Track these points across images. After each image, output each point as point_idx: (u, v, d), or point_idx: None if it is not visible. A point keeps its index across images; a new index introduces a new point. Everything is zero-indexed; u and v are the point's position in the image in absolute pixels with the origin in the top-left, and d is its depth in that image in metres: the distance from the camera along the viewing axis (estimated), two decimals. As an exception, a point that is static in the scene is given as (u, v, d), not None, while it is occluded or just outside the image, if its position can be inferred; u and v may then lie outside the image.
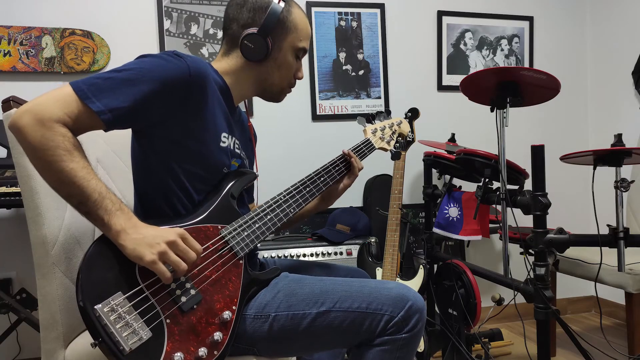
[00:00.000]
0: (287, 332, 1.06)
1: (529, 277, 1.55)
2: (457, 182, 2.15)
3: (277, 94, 1.25)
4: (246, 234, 1.08)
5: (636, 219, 2.33)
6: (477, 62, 2.80)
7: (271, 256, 2.12)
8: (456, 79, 2.73)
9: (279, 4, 1.13)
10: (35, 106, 0.88)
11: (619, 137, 1.47)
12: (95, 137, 1.14)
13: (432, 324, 2.07)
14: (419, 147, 2.37)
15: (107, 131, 0.97)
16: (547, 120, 2.90)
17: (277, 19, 1.13)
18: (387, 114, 1.54)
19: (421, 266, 2.07)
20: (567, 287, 2.83)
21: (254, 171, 1.29)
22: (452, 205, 2.01)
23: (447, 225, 2.02)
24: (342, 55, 2.61)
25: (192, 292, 0.96)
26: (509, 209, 1.58)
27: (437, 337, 2.04)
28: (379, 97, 2.66)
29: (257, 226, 1.10)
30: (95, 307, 0.84)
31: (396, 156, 1.48)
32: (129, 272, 0.91)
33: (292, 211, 1.17)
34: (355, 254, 2.19)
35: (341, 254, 2.19)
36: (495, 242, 2.83)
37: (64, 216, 1.13)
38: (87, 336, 0.88)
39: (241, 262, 1.06)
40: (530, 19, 2.85)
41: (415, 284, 2.03)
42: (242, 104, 1.31)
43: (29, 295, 2.12)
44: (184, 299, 0.94)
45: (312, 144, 2.57)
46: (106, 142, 1.39)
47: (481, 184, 1.75)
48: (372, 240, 2.19)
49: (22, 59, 2.22)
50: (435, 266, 2.14)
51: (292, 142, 2.56)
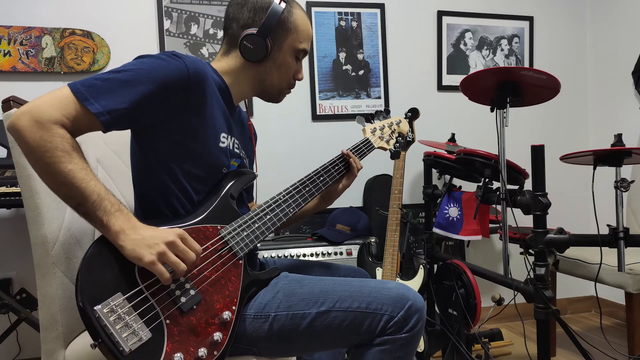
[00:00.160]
0: (287, 332, 1.06)
1: (529, 277, 1.55)
2: (457, 182, 2.15)
3: (276, 95, 1.25)
4: (246, 234, 1.08)
5: (636, 219, 2.33)
6: (477, 62, 2.80)
7: (271, 256, 2.12)
8: (456, 79, 2.73)
9: (280, 4, 1.13)
10: (33, 108, 0.88)
11: (619, 137, 1.47)
12: (95, 137, 1.14)
13: (432, 324, 2.07)
14: (419, 147, 2.37)
15: (105, 132, 0.97)
16: (547, 120, 2.90)
17: (277, 19, 1.12)
18: (387, 113, 1.54)
19: (421, 266, 2.07)
20: (567, 287, 2.83)
21: (254, 171, 1.29)
22: (452, 205, 2.02)
23: (447, 225, 2.02)
24: (342, 55, 2.61)
25: (192, 292, 0.96)
26: (509, 209, 1.58)
27: (437, 337, 2.04)
28: (379, 97, 2.66)
29: (257, 226, 1.10)
30: (94, 308, 0.84)
31: (395, 155, 1.48)
32: (128, 272, 0.91)
33: (292, 211, 1.17)
34: (355, 254, 2.19)
35: (341, 254, 2.19)
36: (495, 242, 2.83)
37: (64, 216, 1.13)
38: (87, 336, 0.87)
39: (241, 262, 1.06)
40: (530, 19, 2.85)
41: (415, 284, 2.03)
42: (243, 104, 1.31)
43: (29, 295, 2.12)
44: (183, 300, 0.94)
45: (312, 144, 2.57)
46: (106, 143, 1.39)
47: (481, 184, 1.75)
48: (372, 240, 2.19)
49: (22, 59, 2.22)
50: (435, 266, 2.14)
51: (292, 142, 2.56)
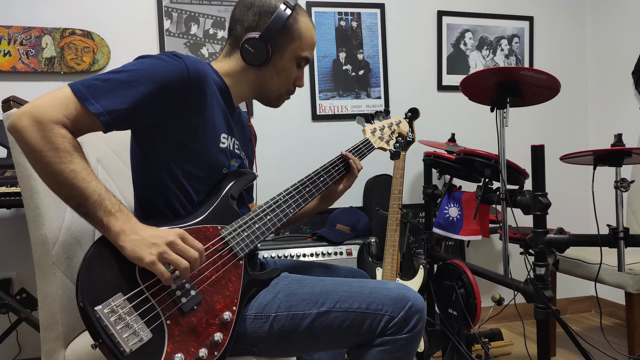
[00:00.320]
0: (288, 332, 1.06)
1: (529, 277, 1.55)
2: (457, 182, 2.15)
3: (275, 100, 1.24)
4: (246, 234, 1.08)
5: (636, 219, 2.33)
6: (477, 62, 2.80)
7: (271, 256, 2.12)
8: (456, 79, 2.73)
9: (285, 10, 1.12)
10: (33, 108, 0.87)
11: (619, 137, 1.47)
12: (95, 137, 1.14)
13: (432, 324, 2.07)
14: (419, 147, 2.37)
15: (106, 132, 0.97)
16: (547, 120, 2.90)
17: (281, 25, 1.12)
18: (386, 113, 1.54)
19: (421, 266, 2.07)
20: (567, 287, 2.83)
21: (254, 171, 1.29)
22: (452, 205, 2.02)
23: (447, 225, 2.02)
24: (342, 55, 2.61)
25: (192, 292, 0.96)
26: (509, 209, 1.58)
27: (437, 337, 2.04)
28: (379, 97, 2.66)
29: (257, 226, 1.10)
30: (95, 308, 0.84)
31: (395, 156, 1.48)
32: (129, 273, 0.91)
33: (292, 211, 1.17)
34: (355, 254, 2.19)
35: (341, 254, 2.19)
36: (495, 242, 2.83)
37: (64, 216, 1.13)
38: (87, 336, 0.87)
39: (241, 262, 1.06)
40: (530, 19, 2.85)
41: (415, 284, 2.03)
42: (243, 104, 1.31)
43: (29, 295, 2.11)
44: (184, 300, 0.94)
45: (312, 144, 2.57)
46: (106, 143, 1.39)
47: (481, 184, 1.75)
48: (372, 240, 2.19)
49: (22, 59, 2.22)
50: (435, 266, 2.14)
51: (292, 142, 2.56)
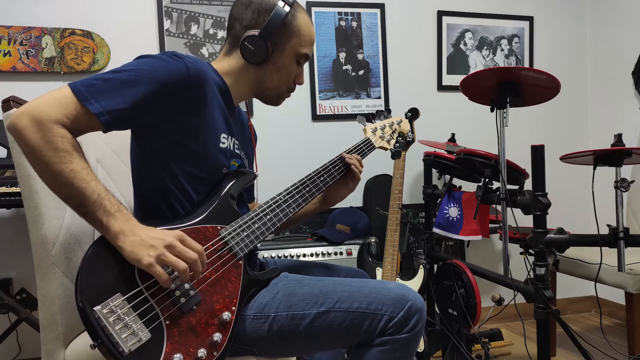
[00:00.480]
0: (287, 332, 1.05)
1: (529, 277, 1.55)
2: (457, 182, 2.15)
3: (275, 98, 1.24)
4: (246, 234, 1.08)
5: (636, 219, 2.33)
6: (477, 62, 2.80)
7: (271, 256, 2.12)
8: (456, 79, 2.72)
9: (284, 7, 1.12)
10: (33, 108, 0.87)
11: (619, 137, 1.47)
12: (95, 137, 1.14)
13: (432, 324, 2.07)
14: (419, 147, 2.37)
15: (105, 132, 0.97)
16: (547, 120, 2.89)
17: (280, 22, 1.12)
18: (387, 112, 1.53)
19: (421, 266, 2.07)
20: (567, 287, 2.82)
21: (254, 171, 1.28)
22: (452, 205, 2.01)
23: (447, 225, 2.02)
24: (342, 55, 2.61)
25: (192, 293, 0.95)
26: (509, 209, 1.58)
27: (437, 337, 2.04)
28: (379, 97, 2.65)
29: (257, 226, 1.10)
30: (94, 308, 0.84)
31: (396, 155, 1.48)
32: (128, 273, 0.91)
33: (292, 211, 1.17)
34: (355, 254, 2.19)
35: (341, 254, 2.19)
36: (495, 242, 2.83)
37: (64, 216, 1.13)
38: (87, 336, 0.87)
39: (241, 262, 1.06)
40: (530, 19, 2.85)
41: (415, 284, 2.03)
42: (243, 104, 1.30)
43: (29, 295, 2.12)
44: (183, 300, 0.94)
45: (312, 144, 2.57)
46: (106, 143, 1.39)
47: (481, 184, 1.75)
48: (372, 240, 2.19)
49: (22, 59, 2.22)
50: (435, 266, 2.14)
51: (292, 142, 2.56)
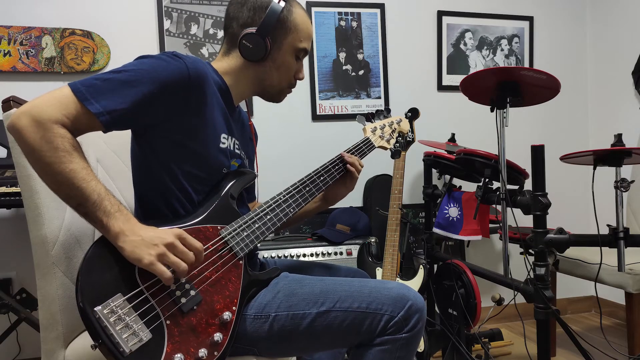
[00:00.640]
0: (288, 332, 1.05)
1: (529, 277, 1.55)
2: (457, 182, 2.15)
3: (277, 95, 1.24)
4: (246, 234, 1.08)
5: (636, 219, 2.33)
6: (477, 62, 2.80)
7: (271, 256, 2.12)
8: (456, 79, 2.73)
9: (279, 3, 1.12)
10: (33, 107, 0.87)
11: (619, 137, 1.47)
12: (95, 137, 1.14)
13: (432, 324, 2.07)
14: (419, 147, 2.37)
15: (105, 132, 0.97)
16: (547, 120, 2.90)
17: (276, 18, 1.12)
18: (387, 112, 1.54)
19: (421, 266, 2.07)
20: (567, 287, 2.83)
21: (254, 171, 1.28)
22: (452, 205, 2.01)
23: (447, 225, 2.02)
24: (342, 55, 2.61)
25: (192, 293, 0.95)
26: (509, 209, 1.58)
27: (437, 337, 2.04)
28: (379, 97, 2.65)
29: (257, 226, 1.10)
30: (95, 309, 0.84)
31: (396, 154, 1.48)
32: (128, 273, 0.91)
33: (292, 211, 1.17)
34: (355, 254, 2.19)
35: (341, 254, 2.19)
36: (495, 242, 2.83)
37: (64, 216, 1.13)
38: (87, 336, 0.87)
39: (241, 262, 1.06)
40: (530, 19, 2.85)
41: (415, 284, 2.03)
42: (243, 103, 1.30)
43: (29, 295, 2.11)
44: (183, 300, 0.94)
45: (312, 144, 2.57)
46: (106, 143, 1.39)
47: (481, 184, 1.75)
48: (372, 240, 2.19)
49: (22, 59, 2.22)
50: (435, 266, 2.14)
51: (292, 142, 2.56)
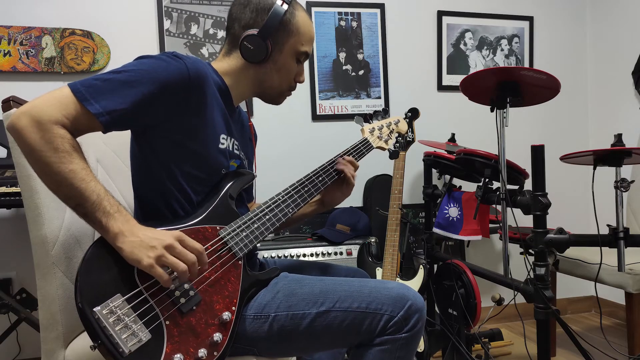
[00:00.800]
0: (287, 332, 1.06)
1: (529, 277, 1.55)
2: (457, 182, 2.14)
3: (276, 97, 1.24)
4: (245, 234, 1.08)
5: (636, 219, 2.33)
6: (477, 62, 2.79)
7: (271, 256, 2.12)
8: (456, 79, 2.72)
9: (282, 6, 1.12)
10: (33, 108, 0.87)
11: (619, 137, 1.47)
12: (95, 137, 1.14)
13: (432, 324, 2.07)
14: (419, 147, 2.37)
15: (105, 133, 0.97)
16: (547, 120, 2.89)
17: (279, 21, 1.12)
18: (385, 113, 1.54)
19: (421, 266, 2.07)
20: (567, 287, 2.82)
21: (253, 171, 1.28)
22: (452, 205, 2.01)
23: (447, 225, 2.02)
24: (342, 55, 2.61)
25: (191, 293, 0.95)
26: (509, 209, 1.58)
27: (437, 337, 2.04)
28: (379, 97, 2.65)
29: (256, 226, 1.10)
30: (94, 309, 0.84)
31: (394, 155, 1.48)
32: (127, 273, 0.91)
33: (291, 211, 1.17)
34: (355, 254, 2.19)
35: (341, 254, 2.19)
36: (495, 242, 2.83)
37: (64, 216, 1.13)
38: (87, 336, 0.87)
39: (240, 262, 1.06)
40: (530, 19, 2.85)
41: (415, 284, 2.03)
42: (243, 104, 1.30)
43: (29, 295, 2.12)
44: (183, 300, 0.94)
45: (312, 144, 2.57)
46: (106, 143, 1.39)
47: (481, 184, 1.75)
48: (372, 240, 2.19)
49: (22, 59, 2.22)
50: (435, 266, 2.14)
51: (292, 142, 2.56)
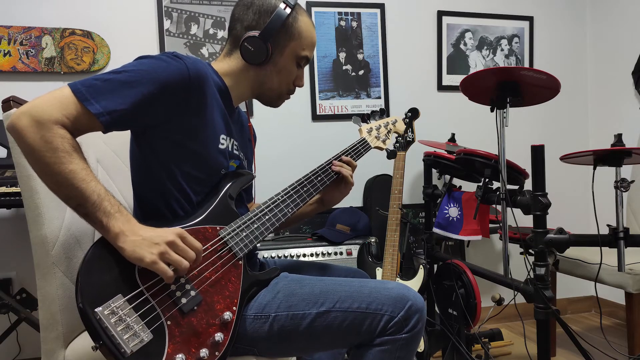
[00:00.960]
0: (287, 332, 1.06)
1: (529, 277, 1.55)
2: (457, 182, 2.15)
3: (275, 99, 1.24)
4: (245, 234, 1.08)
5: (636, 219, 2.33)
6: (477, 62, 2.80)
7: (271, 256, 2.12)
8: (456, 79, 2.73)
9: (285, 9, 1.12)
10: (33, 108, 0.87)
11: (619, 137, 1.47)
12: (95, 137, 1.14)
13: (432, 324, 2.07)
14: (419, 147, 2.37)
15: (105, 133, 0.97)
16: (547, 120, 2.90)
17: (281, 24, 1.12)
18: (382, 113, 1.55)
19: (421, 266, 2.07)
20: (567, 287, 2.83)
21: (252, 172, 1.28)
22: (452, 205, 2.01)
23: (447, 225, 2.02)
24: (342, 55, 2.61)
25: (192, 293, 0.96)
26: (509, 209, 1.58)
27: (437, 337, 2.04)
28: (379, 97, 2.65)
29: (256, 226, 1.10)
30: (95, 310, 0.84)
31: (392, 155, 1.48)
32: (128, 274, 0.91)
33: (290, 211, 1.17)
34: (355, 254, 2.19)
35: (341, 254, 2.19)
36: (495, 242, 2.83)
37: (64, 216, 1.13)
38: (87, 336, 0.87)
39: (240, 262, 1.06)
40: (530, 19, 2.85)
41: (415, 284, 2.03)
42: (243, 104, 1.31)
43: (29, 295, 2.11)
44: (184, 301, 0.94)
45: (312, 144, 2.57)
46: (106, 143, 1.39)
47: (481, 184, 1.75)
48: (372, 240, 2.19)
49: (22, 59, 2.22)
50: (435, 266, 2.14)
51: (292, 142, 2.56)
